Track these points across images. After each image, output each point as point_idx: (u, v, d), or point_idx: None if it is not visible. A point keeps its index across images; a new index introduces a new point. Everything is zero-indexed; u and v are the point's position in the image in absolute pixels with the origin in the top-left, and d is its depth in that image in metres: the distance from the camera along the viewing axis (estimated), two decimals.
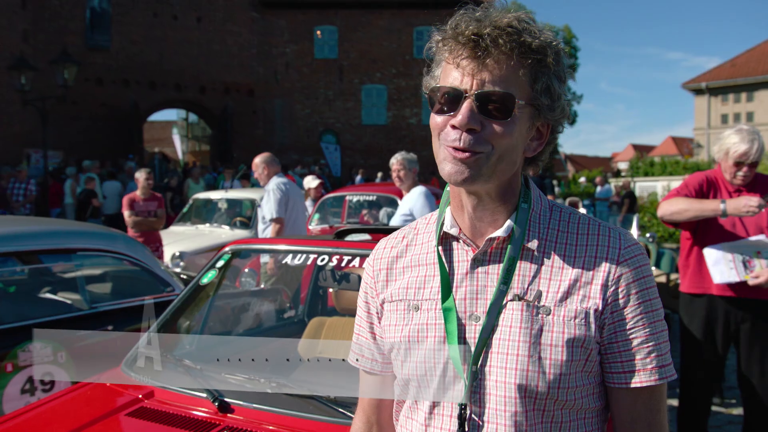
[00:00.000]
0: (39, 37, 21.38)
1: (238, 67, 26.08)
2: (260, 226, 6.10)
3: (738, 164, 3.25)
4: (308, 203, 8.95)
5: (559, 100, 1.09)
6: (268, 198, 5.80)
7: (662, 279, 6.34)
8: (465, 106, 1.04)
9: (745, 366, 3.38)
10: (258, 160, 6.06)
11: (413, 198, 5.46)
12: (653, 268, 7.00)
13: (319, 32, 26.96)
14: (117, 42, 24.04)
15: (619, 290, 1.08)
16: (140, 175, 7.65)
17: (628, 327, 1.09)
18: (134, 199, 7.48)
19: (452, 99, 1.06)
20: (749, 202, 3.06)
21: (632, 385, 1.09)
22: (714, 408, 4.31)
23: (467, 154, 1.05)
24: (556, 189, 24.29)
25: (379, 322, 1.25)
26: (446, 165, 1.07)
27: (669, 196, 3.42)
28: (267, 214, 5.79)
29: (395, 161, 5.62)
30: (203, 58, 25.41)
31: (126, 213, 7.33)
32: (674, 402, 4.15)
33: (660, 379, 1.09)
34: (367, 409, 1.32)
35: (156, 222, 7.64)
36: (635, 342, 1.09)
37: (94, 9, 23.59)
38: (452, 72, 1.07)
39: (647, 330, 1.09)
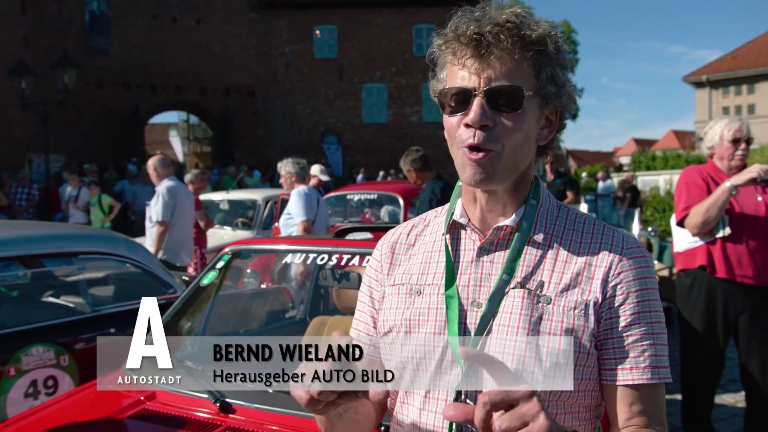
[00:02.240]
0: (39, 41, 21.39)
1: (238, 68, 26.09)
2: (147, 224, 6.38)
3: (735, 142, 3.33)
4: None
5: (565, 87, 1.12)
6: (156, 200, 6.05)
7: (665, 273, 6.33)
8: (476, 104, 1.06)
9: (745, 358, 3.39)
10: (150, 163, 6.33)
11: (291, 198, 5.97)
12: (655, 262, 6.98)
13: (318, 32, 26.95)
14: (117, 45, 24.08)
15: (618, 287, 1.10)
16: (193, 177, 7.39)
17: (623, 324, 1.09)
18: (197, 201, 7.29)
19: (462, 99, 1.08)
20: (750, 169, 3.19)
21: (623, 382, 1.09)
22: (718, 400, 4.31)
23: (481, 154, 1.07)
24: None
25: (380, 306, 1.25)
26: (466, 169, 1.09)
27: (683, 211, 3.37)
28: (154, 215, 6.05)
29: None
30: (203, 59, 25.42)
31: (196, 214, 7.07)
32: (677, 396, 4.15)
33: (652, 378, 1.09)
34: None
35: (212, 221, 7.75)
36: (630, 339, 1.09)
37: (93, 12, 23.63)
38: (458, 72, 1.09)
39: (643, 329, 1.09)
